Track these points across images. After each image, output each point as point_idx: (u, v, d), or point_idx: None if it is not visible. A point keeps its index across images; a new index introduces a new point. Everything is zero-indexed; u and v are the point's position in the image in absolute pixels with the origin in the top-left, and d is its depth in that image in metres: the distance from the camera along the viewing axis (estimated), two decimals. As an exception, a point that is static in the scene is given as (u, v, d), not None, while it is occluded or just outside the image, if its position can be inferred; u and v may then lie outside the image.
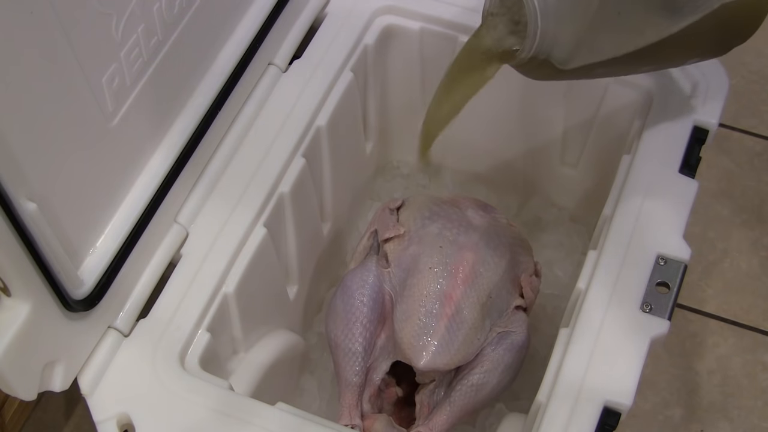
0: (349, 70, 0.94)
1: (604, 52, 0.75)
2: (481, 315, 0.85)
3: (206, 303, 0.80)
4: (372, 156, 1.08)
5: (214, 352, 0.81)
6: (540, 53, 0.73)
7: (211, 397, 0.75)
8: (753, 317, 1.15)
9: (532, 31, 0.72)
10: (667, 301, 0.77)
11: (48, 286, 0.69)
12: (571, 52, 0.73)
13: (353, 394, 0.86)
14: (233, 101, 0.87)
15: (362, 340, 0.86)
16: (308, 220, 0.94)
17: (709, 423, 1.08)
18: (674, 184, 0.84)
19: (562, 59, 0.74)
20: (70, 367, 0.74)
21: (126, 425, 0.74)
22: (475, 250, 0.87)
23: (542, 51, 0.73)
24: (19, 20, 0.62)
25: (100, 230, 0.76)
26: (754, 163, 1.27)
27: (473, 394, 0.85)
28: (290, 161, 0.88)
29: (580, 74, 0.76)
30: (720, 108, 0.88)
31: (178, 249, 0.82)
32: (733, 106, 1.29)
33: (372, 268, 0.89)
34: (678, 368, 1.11)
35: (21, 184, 0.65)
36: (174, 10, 0.77)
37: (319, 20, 0.96)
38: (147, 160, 0.80)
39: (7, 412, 1.00)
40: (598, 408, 0.73)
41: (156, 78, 0.77)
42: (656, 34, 0.74)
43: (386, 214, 0.94)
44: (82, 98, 0.70)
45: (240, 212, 0.84)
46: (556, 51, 0.73)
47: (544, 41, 0.72)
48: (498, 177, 1.09)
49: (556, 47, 0.73)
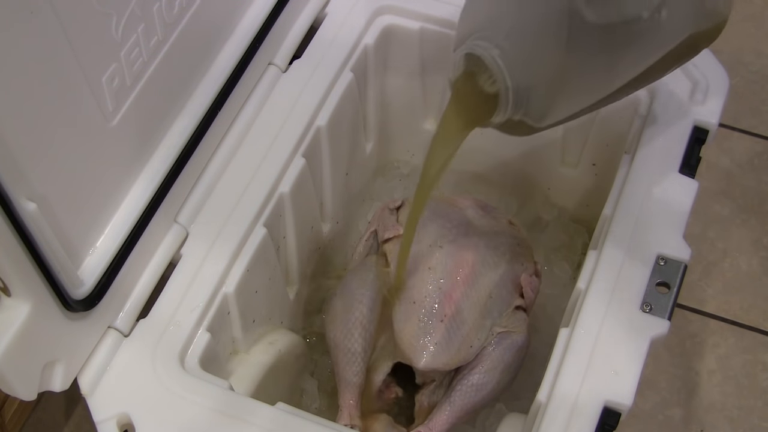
0: (349, 70, 0.94)
1: (577, 104, 0.75)
2: (481, 315, 0.85)
3: (206, 303, 0.80)
4: (372, 156, 1.08)
5: (214, 352, 0.81)
6: (514, 115, 0.73)
7: (211, 397, 0.75)
8: (753, 317, 1.15)
9: (504, 97, 0.71)
10: (667, 301, 0.77)
11: (48, 286, 0.69)
12: (545, 110, 0.73)
13: (353, 394, 0.86)
14: (233, 101, 0.87)
15: (362, 340, 0.86)
16: (308, 220, 0.94)
17: (709, 423, 1.08)
18: (674, 184, 0.84)
19: (537, 117, 0.73)
20: (70, 367, 0.74)
21: (126, 425, 0.74)
22: (475, 250, 0.87)
23: (516, 113, 0.73)
24: (19, 20, 0.62)
25: (100, 230, 0.76)
26: (754, 163, 1.27)
27: (473, 394, 0.85)
28: (290, 161, 0.88)
29: (557, 124, 0.76)
30: (720, 108, 0.88)
31: (178, 249, 0.82)
32: (733, 106, 1.29)
33: (372, 268, 0.89)
34: (678, 368, 1.11)
35: (21, 184, 0.65)
36: (174, 10, 0.77)
37: (319, 20, 0.96)
38: (147, 160, 0.80)
39: (7, 412, 1.00)
40: (598, 408, 0.73)
41: (156, 78, 0.77)
42: (627, 76, 0.75)
43: (386, 214, 0.94)
44: (82, 98, 0.70)
45: (240, 212, 0.84)
46: (531, 112, 0.73)
47: (517, 106, 0.72)
48: (498, 177, 1.09)
49: (529, 108, 0.72)
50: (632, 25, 0.71)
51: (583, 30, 0.68)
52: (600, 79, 0.74)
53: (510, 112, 0.73)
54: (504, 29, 0.70)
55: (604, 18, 0.70)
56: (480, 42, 0.71)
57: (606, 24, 0.70)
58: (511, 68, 0.70)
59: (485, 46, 0.71)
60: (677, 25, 0.73)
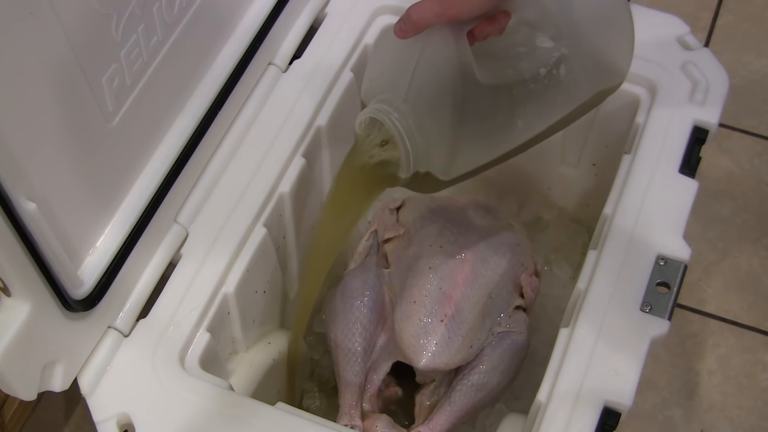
0: (349, 70, 0.94)
1: (483, 158, 0.77)
2: (482, 315, 0.85)
3: (206, 303, 0.80)
4: (372, 156, 1.08)
5: (214, 352, 0.81)
6: (420, 169, 0.74)
7: (211, 397, 0.75)
8: (753, 317, 1.15)
9: (403, 151, 0.73)
10: (667, 301, 0.77)
11: (48, 286, 0.69)
12: (448, 166, 0.75)
13: (353, 394, 0.86)
14: (233, 101, 0.87)
15: (362, 340, 0.86)
16: (308, 220, 0.94)
17: (709, 423, 1.08)
18: (674, 184, 0.84)
19: (442, 171, 0.75)
20: (70, 367, 0.74)
21: (126, 425, 0.74)
22: (475, 250, 0.87)
23: (421, 167, 0.74)
24: (19, 20, 0.62)
25: (100, 230, 0.76)
26: (754, 163, 1.27)
27: (473, 394, 0.85)
28: (290, 161, 0.88)
29: (466, 178, 0.77)
30: (720, 108, 0.88)
31: (178, 249, 0.82)
32: (733, 106, 1.29)
33: (372, 268, 0.89)
34: (678, 368, 1.11)
35: (21, 184, 0.65)
36: (174, 10, 0.77)
37: (319, 20, 0.96)
38: (147, 160, 0.80)
39: (7, 412, 1.00)
40: (598, 408, 0.73)
41: (156, 78, 0.77)
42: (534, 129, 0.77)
43: (386, 214, 0.94)
44: (82, 98, 0.70)
45: (240, 212, 0.84)
46: (434, 165, 0.75)
47: (417, 158, 0.73)
48: (498, 177, 1.09)
49: (432, 163, 0.74)
50: (529, 83, 0.72)
51: (478, 90, 0.71)
52: (503, 134, 0.76)
53: (411, 169, 0.74)
54: (401, 93, 0.73)
55: (497, 78, 0.72)
56: (379, 106, 0.74)
57: (501, 84, 0.72)
58: (408, 131, 0.72)
59: (385, 110, 0.73)
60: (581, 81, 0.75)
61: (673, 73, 0.90)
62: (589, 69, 0.77)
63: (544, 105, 0.76)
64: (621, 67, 0.81)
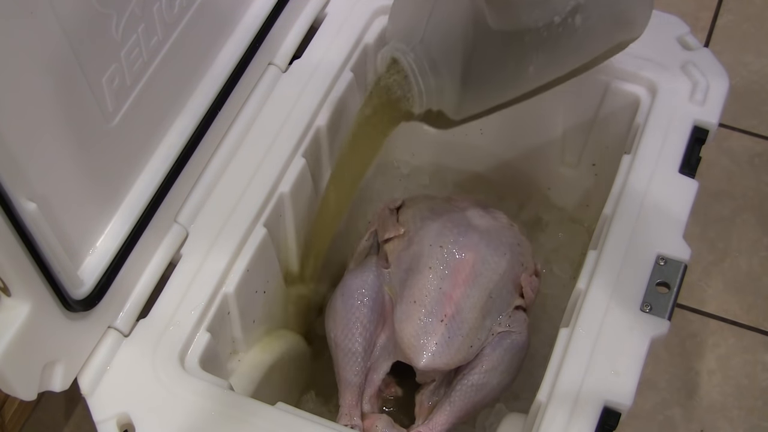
0: (349, 70, 0.94)
1: (492, 100, 0.80)
2: (482, 315, 0.85)
3: (206, 303, 0.80)
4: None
5: (214, 352, 0.81)
6: (432, 107, 0.79)
7: (211, 397, 0.75)
8: (753, 317, 1.15)
9: (416, 89, 0.78)
10: (667, 301, 0.77)
11: (48, 286, 0.69)
12: (458, 105, 0.79)
13: (353, 394, 0.86)
14: (233, 101, 0.87)
15: (362, 340, 0.86)
16: (308, 220, 0.94)
17: (709, 423, 1.08)
18: (674, 184, 0.84)
19: (453, 111, 0.79)
20: (70, 367, 0.74)
21: (126, 425, 0.74)
22: (475, 250, 0.87)
23: (433, 105, 0.79)
24: (20, 21, 0.62)
25: (100, 230, 0.76)
26: (754, 163, 1.27)
27: (473, 394, 0.85)
28: (290, 161, 0.88)
29: (477, 118, 0.82)
30: (720, 108, 0.88)
31: (178, 249, 0.82)
32: (733, 106, 1.29)
33: (372, 268, 0.89)
34: (678, 368, 1.11)
35: (21, 184, 0.65)
36: (174, 10, 0.77)
37: (319, 20, 0.96)
38: (147, 160, 0.80)
39: (7, 412, 1.00)
40: (598, 408, 0.73)
41: (156, 78, 0.77)
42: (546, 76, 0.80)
43: (386, 214, 0.94)
44: (82, 98, 0.70)
45: (240, 212, 0.84)
46: (446, 105, 0.79)
47: (430, 96, 0.78)
48: (498, 177, 1.09)
49: (444, 102, 0.79)
50: (542, 31, 0.73)
51: (489, 36, 0.72)
52: (513, 80, 0.78)
53: (424, 106, 0.79)
54: (418, 35, 0.77)
55: (508, 25, 0.72)
56: (398, 45, 0.79)
57: (512, 30, 0.72)
58: (422, 70, 0.78)
59: (403, 49, 0.79)
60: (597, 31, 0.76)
61: (673, 73, 0.90)
62: (606, 20, 0.76)
63: (557, 53, 0.76)
64: (639, 20, 0.80)
